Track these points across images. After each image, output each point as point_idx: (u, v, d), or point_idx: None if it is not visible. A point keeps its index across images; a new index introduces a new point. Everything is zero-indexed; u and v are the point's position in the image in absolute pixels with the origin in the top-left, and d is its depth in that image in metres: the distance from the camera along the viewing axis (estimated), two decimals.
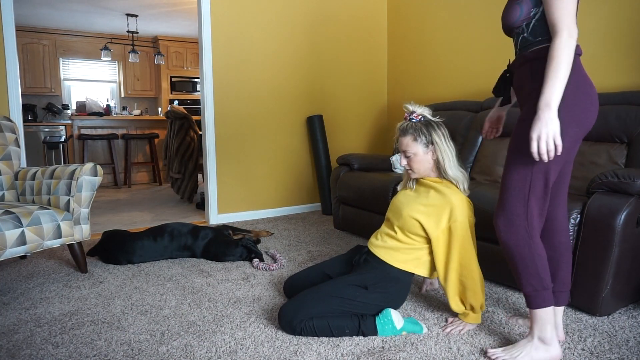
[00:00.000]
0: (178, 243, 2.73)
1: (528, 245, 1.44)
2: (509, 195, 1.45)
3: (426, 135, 1.73)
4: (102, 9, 6.23)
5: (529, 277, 1.45)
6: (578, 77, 1.38)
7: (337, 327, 1.67)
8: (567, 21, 1.31)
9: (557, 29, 1.32)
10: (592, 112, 1.40)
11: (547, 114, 1.30)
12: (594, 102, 1.40)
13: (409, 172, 1.81)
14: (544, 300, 1.45)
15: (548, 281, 1.46)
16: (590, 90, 1.40)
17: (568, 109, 1.36)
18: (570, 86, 1.35)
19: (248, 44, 3.73)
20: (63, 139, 6.36)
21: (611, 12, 2.64)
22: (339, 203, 3.41)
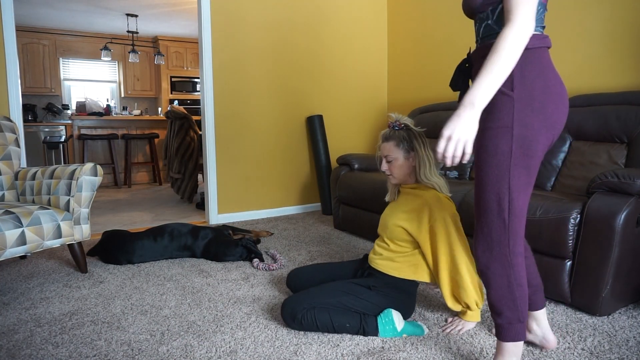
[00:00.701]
0: (178, 243, 2.73)
1: (507, 275, 1.27)
2: (485, 219, 1.27)
3: (408, 142, 1.79)
4: (102, 9, 6.23)
5: (504, 308, 1.29)
6: (547, 74, 1.22)
7: (338, 321, 1.69)
8: (524, 11, 1.12)
9: (510, 16, 1.13)
10: (563, 114, 1.24)
11: (467, 113, 1.12)
12: (564, 101, 1.24)
13: (389, 177, 1.86)
14: (516, 334, 1.31)
15: (525, 314, 1.31)
16: (560, 88, 1.23)
17: (537, 112, 1.19)
18: (538, 86, 1.20)
19: (248, 44, 3.73)
20: (63, 139, 6.36)
21: (611, 12, 2.64)
22: (339, 203, 3.41)
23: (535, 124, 1.19)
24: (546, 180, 2.56)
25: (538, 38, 1.23)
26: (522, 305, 1.29)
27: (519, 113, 1.20)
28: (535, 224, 1.98)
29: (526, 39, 1.13)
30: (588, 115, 2.47)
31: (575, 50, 2.83)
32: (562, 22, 2.89)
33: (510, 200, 1.22)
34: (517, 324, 1.30)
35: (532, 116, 1.19)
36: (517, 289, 1.28)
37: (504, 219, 1.24)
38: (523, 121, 1.19)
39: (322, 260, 2.68)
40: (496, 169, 1.22)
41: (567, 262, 1.92)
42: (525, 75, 1.21)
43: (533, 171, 1.23)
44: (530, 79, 1.21)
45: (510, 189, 1.22)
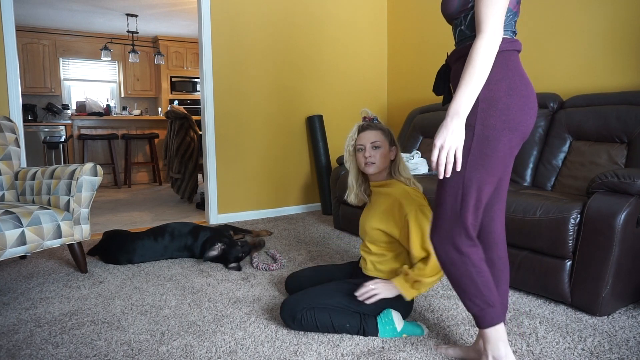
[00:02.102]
0: (178, 243, 2.73)
1: (464, 263, 1.30)
2: (440, 211, 1.32)
3: (392, 136, 1.83)
4: (102, 9, 6.23)
5: (471, 297, 1.33)
6: (513, 76, 1.25)
7: (338, 321, 1.69)
8: (493, 21, 1.19)
9: (480, 28, 1.20)
10: (529, 116, 1.26)
11: (454, 123, 1.20)
12: (530, 104, 1.26)
13: (369, 165, 1.78)
14: (492, 318, 1.33)
15: (493, 297, 1.33)
16: (526, 91, 1.26)
17: (500, 113, 1.23)
18: (502, 87, 1.23)
19: (248, 44, 3.73)
20: (63, 139, 6.36)
21: (611, 12, 2.64)
22: (339, 203, 3.41)
23: (497, 124, 1.24)
24: (546, 180, 2.56)
25: (507, 42, 1.28)
26: (486, 290, 1.32)
27: (482, 113, 1.24)
28: (535, 224, 1.98)
29: (496, 46, 1.20)
30: (588, 115, 2.47)
31: (575, 50, 2.83)
32: (562, 22, 2.89)
33: (464, 195, 1.28)
34: (487, 308, 1.33)
35: (495, 117, 1.24)
36: (477, 275, 1.31)
37: (456, 212, 1.29)
38: (486, 121, 1.24)
39: (322, 261, 2.68)
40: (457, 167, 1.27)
41: (567, 262, 1.92)
42: (490, 77, 1.24)
43: (492, 170, 1.27)
44: (495, 81, 1.25)
45: (464, 183, 1.27)
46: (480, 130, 1.24)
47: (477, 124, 1.25)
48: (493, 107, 1.24)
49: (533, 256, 2.04)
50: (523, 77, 1.27)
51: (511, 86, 1.25)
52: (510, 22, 1.29)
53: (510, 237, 2.10)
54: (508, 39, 1.28)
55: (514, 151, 1.29)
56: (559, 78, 2.94)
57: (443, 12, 1.38)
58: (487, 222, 1.43)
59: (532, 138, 2.68)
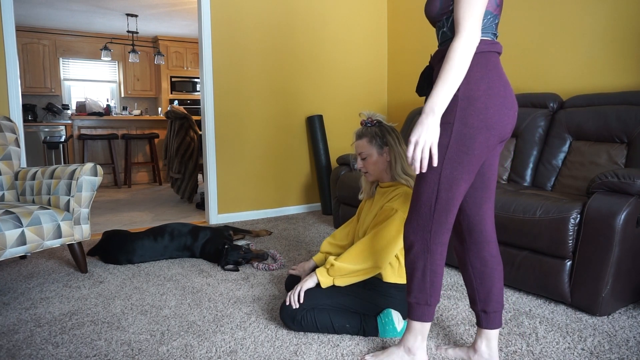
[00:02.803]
0: (178, 243, 2.73)
1: (425, 259, 1.37)
2: (415, 204, 1.37)
3: (380, 138, 1.79)
4: (102, 9, 6.23)
5: (416, 289, 1.40)
6: (492, 77, 1.28)
7: (338, 321, 1.69)
8: (470, 23, 1.23)
9: (458, 29, 1.24)
10: (507, 116, 1.29)
11: (430, 120, 1.24)
12: (508, 104, 1.29)
13: (365, 174, 1.85)
14: (423, 315, 1.42)
15: (434, 299, 1.40)
16: (504, 92, 1.29)
17: (478, 112, 1.26)
18: (482, 87, 1.27)
19: (248, 44, 3.73)
20: (63, 139, 6.36)
21: (611, 12, 2.64)
22: (339, 203, 3.41)
23: (475, 122, 1.27)
24: (546, 180, 2.56)
25: (487, 43, 1.30)
26: (432, 291, 1.39)
27: (461, 111, 1.28)
28: (535, 224, 1.98)
29: (473, 47, 1.24)
30: (588, 115, 2.47)
31: (575, 51, 2.83)
32: (562, 22, 2.89)
33: (439, 191, 1.32)
34: (424, 305, 1.41)
35: (473, 115, 1.27)
36: (431, 274, 1.38)
37: (430, 207, 1.34)
38: (464, 119, 1.28)
39: None
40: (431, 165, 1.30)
41: (567, 262, 1.92)
42: (470, 76, 1.28)
43: (468, 167, 1.30)
44: (474, 81, 1.28)
45: (440, 180, 1.31)
46: (459, 128, 1.28)
47: (456, 122, 1.28)
48: (472, 106, 1.27)
49: (533, 256, 2.04)
50: (502, 78, 1.31)
51: (490, 86, 1.28)
52: (491, 24, 1.33)
53: (510, 237, 2.10)
54: (488, 40, 1.31)
55: (491, 150, 1.32)
56: (559, 78, 2.94)
57: (426, 14, 1.41)
58: (477, 220, 1.46)
59: (532, 138, 2.68)
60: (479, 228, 1.46)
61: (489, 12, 1.31)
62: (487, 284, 1.47)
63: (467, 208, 1.46)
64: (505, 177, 2.76)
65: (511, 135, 2.78)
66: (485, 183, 1.44)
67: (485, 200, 1.45)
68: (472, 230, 1.46)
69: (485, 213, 1.46)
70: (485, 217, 1.46)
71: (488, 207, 1.46)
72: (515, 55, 3.19)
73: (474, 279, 1.49)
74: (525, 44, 3.12)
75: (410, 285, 1.42)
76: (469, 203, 1.45)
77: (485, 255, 1.47)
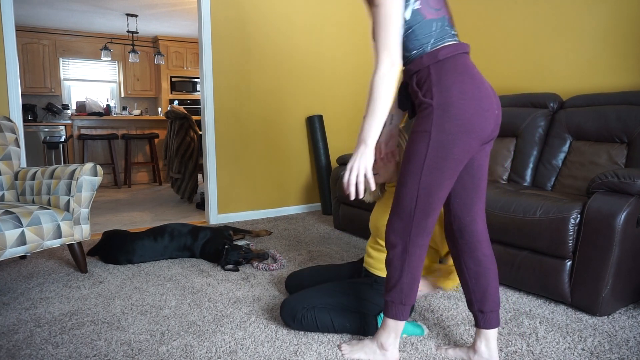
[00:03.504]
0: (178, 243, 2.73)
1: (402, 260, 1.41)
2: (396, 208, 1.41)
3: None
4: (102, 9, 6.23)
5: (392, 288, 1.44)
6: (463, 80, 1.29)
7: (338, 321, 1.69)
8: (384, 54, 1.29)
9: (378, 57, 1.30)
10: (484, 118, 1.29)
11: (362, 149, 1.34)
12: (485, 106, 1.29)
13: (375, 175, 1.82)
14: (398, 314, 1.46)
15: (409, 299, 1.44)
16: (478, 94, 1.29)
17: (454, 118, 1.28)
18: (454, 93, 1.28)
19: (248, 44, 3.73)
20: (63, 139, 6.35)
21: (612, 12, 2.64)
22: (339, 203, 3.41)
23: (452, 128, 1.29)
24: (546, 180, 2.56)
25: (449, 48, 1.32)
26: (408, 291, 1.43)
27: (438, 119, 1.29)
28: (535, 224, 1.98)
29: (391, 77, 1.30)
30: (588, 115, 2.47)
31: (575, 50, 2.83)
32: (562, 22, 2.89)
33: (418, 197, 1.35)
34: (399, 304, 1.45)
35: (449, 122, 1.29)
36: (407, 275, 1.42)
37: (410, 212, 1.37)
38: (441, 127, 1.29)
39: (322, 261, 2.68)
40: (412, 168, 1.35)
41: (567, 262, 1.92)
42: (442, 84, 1.30)
43: (448, 173, 1.33)
44: (446, 87, 1.29)
45: (419, 185, 1.34)
46: (436, 136, 1.30)
47: (433, 130, 1.30)
48: (447, 113, 1.28)
49: (533, 256, 2.04)
50: (474, 80, 1.31)
51: (462, 90, 1.29)
52: (442, 29, 1.34)
53: (510, 237, 2.10)
54: (451, 44, 1.33)
55: (478, 152, 1.35)
56: (559, 78, 2.94)
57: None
58: (468, 221, 1.47)
59: (532, 138, 2.68)
60: (471, 229, 1.47)
61: (430, 20, 1.32)
62: (483, 284, 1.48)
63: (457, 210, 1.47)
64: (505, 177, 2.76)
65: (511, 136, 2.79)
66: (475, 184, 1.45)
67: (476, 201, 1.47)
68: (463, 232, 1.48)
69: (476, 213, 1.47)
70: (477, 218, 1.48)
71: (479, 207, 1.48)
72: (515, 55, 3.19)
73: (469, 279, 1.50)
74: (525, 44, 3.12)
75: (387, 284, 1.47)
76: (459, 205, 1.47)
77: (478, 255, 1.48)
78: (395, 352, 1.52)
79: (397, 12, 1.29)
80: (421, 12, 1.32)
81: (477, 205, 1.47)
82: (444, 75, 1.30)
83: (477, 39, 3.47)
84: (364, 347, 1.55)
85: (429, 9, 1.32)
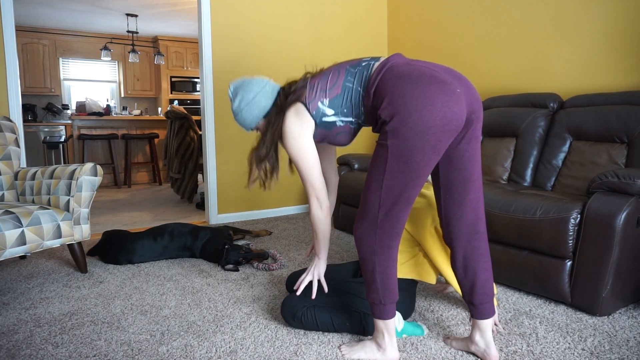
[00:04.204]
0: (178, 243, 2.73)
1: (372, 261, 1.44)
2: (362, 209, 1.45)
3: None
4: (102, 9, 6.23)
5: (370, 289, 1.48)
6: (402, 86, 1.31)
7: (338, 320, 1.69)
8: (314, 191, 1.53)
9: (308, 198, 1.57)
10: (434, 113, 1.27)
11: (317, 261, 1.66)
12: (437, 103, 1.27)
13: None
14: (380, 313, 1.49)
15: (387, 298, 1.46)
16: (420, 91, 1.29)
17: (404, 123, 1.29)
18: (398, 102, 1.30)
19: (248, 44, 3.73)
20: (63, 139, 6.35)
21: (612, 12, 2.64)
22: (339, 203, 3.41)
23: (405, 133, 1.30)
24: (546, 180, 2.56)
25: (376, 71, 1.41)
26: (383, 290, 1.46)
27: (391, 128, 1.32)
28: (535, 224, 1.98)
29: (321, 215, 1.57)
30: (588, 115, 2.47)
31: (575, 50, 2.83)
32: (562, 22, 2.89)
33: (381, 200, 1.39)
34: (379, 304, 1.48)
35: (401, 128, 1.30)
36: (379, 275, 1.45)
37: (374, 213, 1.41)
38: (396, 133, 1.31)
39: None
40: (374, 174, 1.39)
41: (567, 262, 1.92)
42: (389, 100, 1.33)
43: (412, 174, 1.34)
44: (392, 100, 1.33)
45: (382, 189, 1.38)
46: (393, 145, 1.32)
47: (389, 140, 1.33)
48: (397, 120, 1.30)
49: (533, 256, 2.04)
50: (420, 83, 1.30)
51: (403, 95, 1.31)
52: (359, 75, 1.46)
53: (510, 237, 2.10)
54: (375, 69, 1.42)
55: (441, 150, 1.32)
56: (559, 78, 2.94)
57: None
58: (458, 216, 1.49)
59: (532, 138, 2.68)
60: (461, 223, 1.49)
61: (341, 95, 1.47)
62: (470, 277, 1.51)
63: (445, 206, 1.50)
64: (505, 177, 2.76)
65: (511, 136, 2.78)
66: (465, 177, 1.45)
67: (465, 194, 1.47)
68: (452, 226, 1.51)
69: (467, 207, 1.48)
70: (467, 212, 1.48)
71: (470, 199, 1.47)
72: (515, 55, 3.19)
73: (458, 271, 1.54)
74: (525, 44, 3.12)
75: (367, 285, 1.50)
76: (449, 199, 1.49)
77: (467, 248, 1.51)
78: (394, 351, 1.52)
79: (313, 160, 1.52)
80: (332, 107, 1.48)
81: (467, 197, 1.47)
82: (388, 91, 1.34)
83: (478, 39, 3.47)
84: (364, 347, 1.56)
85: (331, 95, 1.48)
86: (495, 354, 1.51)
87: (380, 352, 1.53)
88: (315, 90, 1.50)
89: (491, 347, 1.51)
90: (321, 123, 1.51)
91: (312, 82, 1.53)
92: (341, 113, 1.49)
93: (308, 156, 1.51)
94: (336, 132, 1.53)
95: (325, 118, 1.50)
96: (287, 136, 1.52)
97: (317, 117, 1.50)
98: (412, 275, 1.79)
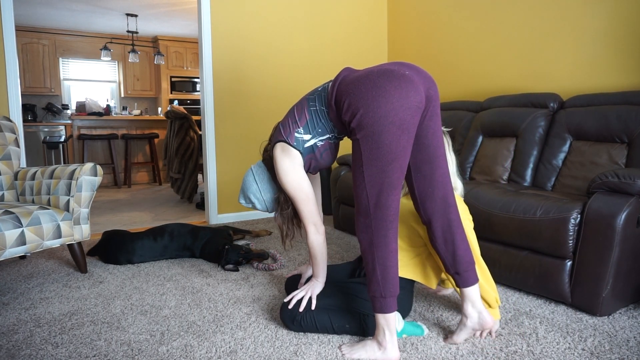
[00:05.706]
0: (178, 243, 2.73)
1: (372, 253, 1.48)
2: (356, 205, 1.51)
3: None
4: (102, 9, 6.23)
5: (370, 281, 1.51)
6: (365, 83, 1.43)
7: (338, 322, 1.69)
8: (309, 217, 1.66)
9: (304, 225, 1.70)
10: (392, 96, 1.38)
11: (315, 282, 1.74)
12: (390, 88, 1.39)
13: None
14: (381, 307, 1.50)
15: (388, 291, 1.48)
16: (378, 82, 1.41)
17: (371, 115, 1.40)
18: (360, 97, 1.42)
19: (248, 44, 3.73)
20: (63, 139, 6.35)
21: (612, 12, 2.64)
22: (339, 203, 3.41)
23: (368, 121, 1.41)
24: (546, 180, 2.56)
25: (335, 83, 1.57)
26: (384, 283, 1.48)
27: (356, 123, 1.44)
28: (535, 224, 1.98)
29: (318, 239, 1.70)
30: (588, 115, 2.47)
31: (575, 50, 2.83)
32: (562, 22, 2.89)
33: (367, 189, 1.45)
34: (380, 298, 1.49)
35: (363, 119, 1.42)
36: (379, 267, 1.48)
37: (366, 205, 1.46)
38: (362, 126, 1.43)
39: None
40: (356, 168, 1.47)
41: (567, 262, 1.92)
42: (348, 103, 1.47)
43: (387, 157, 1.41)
44: (350, 102, 1.46)
45: (365, 179, 1.45)
46: (362, 136, 1.43)
47: (358, 134, 1.44)
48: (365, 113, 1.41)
49: (533, 256, 2.04)
50: (381, 78, 1.41)
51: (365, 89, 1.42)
52: (317, 126, 1.62)
53: (510, 237, 2.10)
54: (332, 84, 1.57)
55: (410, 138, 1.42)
56: (559, 78, 2.94)
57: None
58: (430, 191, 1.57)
59: (532, 138, 2.68)
60: (433, 198, 1.57)
61: (308, 123, 1.62)
62: (451, 248, 1.58)
63: (418, 186, 1.58)
64: (505, 177, 2.76)
65: (511, 136, 2.78)
66: (431, 154, 1.54)
67: (434, 170, 1.55)
68: (425, 201, 1.58)
69: (436, 181, 1.56)
70: (438, 186, 1.56)
71: (439, 174, 1.56)
72: (515, 55, 3.19)
73: (439, 245, 1.60)
74: (525, 44, 3.12)
75: (367, 280, 1.53)
76: (418, 181, 1.57)
77: (444, 222, 1.58)
78: (394, 350, 1.53)
79: (308, 191, 1.65)
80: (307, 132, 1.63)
81: (437, 173, 1.56)
82: (341, 98, 1.51)
83: (478, 39, 3.47)
84: (365, 346, 1.57)
85: (302, 123, 1.62)
86: (489, 320, 1.61)
87: (380, 350, 1.54)
88: (288, 126, 1.65)
89: (484, 313, 1.60)
90: (305, 150, 1.65)
91: (282, 123, 1.69)
92: (317, 134, 1.64)
93: (304, 189, 1.65)
94: (319, 152, 1.67)
95: (306, 144, 1.64)
96: (281, 173, 1.64)
97: (299, 146, 1.63)
98: (414, 277, 1.79)
